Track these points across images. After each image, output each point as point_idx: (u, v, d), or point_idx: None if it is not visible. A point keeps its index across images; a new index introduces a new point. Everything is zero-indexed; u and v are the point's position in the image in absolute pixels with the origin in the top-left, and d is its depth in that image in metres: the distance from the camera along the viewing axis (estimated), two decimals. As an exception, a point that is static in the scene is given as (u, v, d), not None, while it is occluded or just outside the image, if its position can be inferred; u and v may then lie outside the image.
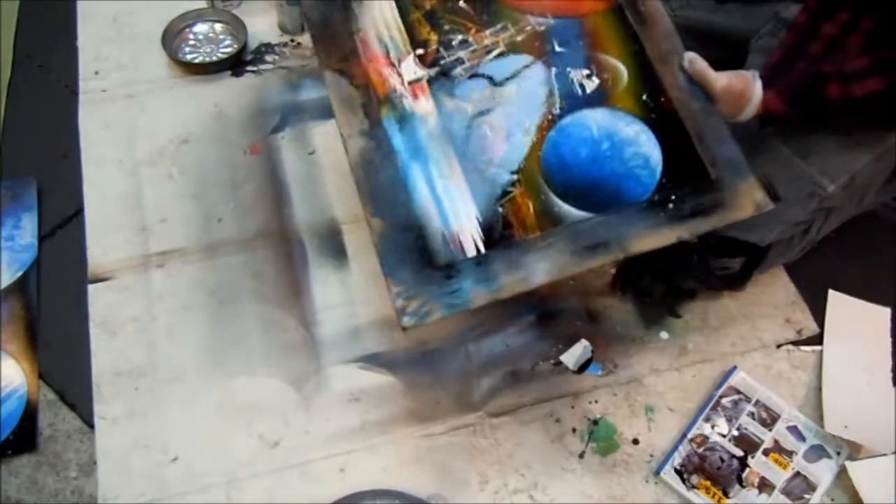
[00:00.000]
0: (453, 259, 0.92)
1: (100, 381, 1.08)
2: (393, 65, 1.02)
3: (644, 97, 1.00)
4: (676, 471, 1.02)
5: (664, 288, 1.17)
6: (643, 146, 0.98)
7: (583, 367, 1.11)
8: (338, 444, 1.04)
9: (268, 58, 1.43)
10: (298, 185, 1.27)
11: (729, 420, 1.06)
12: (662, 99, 1.00)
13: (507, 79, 1.02)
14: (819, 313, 1.17)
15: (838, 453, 1.04)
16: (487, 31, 1.04)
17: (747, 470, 1.03)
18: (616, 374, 1.11)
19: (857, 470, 1.01)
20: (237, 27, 1.44)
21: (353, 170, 0.97)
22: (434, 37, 1.04)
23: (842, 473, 1.03)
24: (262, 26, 1.47)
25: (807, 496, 1.01)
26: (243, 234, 1.21)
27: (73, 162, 1.28)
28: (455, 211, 0.95)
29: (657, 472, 1.03)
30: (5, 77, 1.39)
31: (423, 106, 1.00)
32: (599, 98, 1.01)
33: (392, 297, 0.91)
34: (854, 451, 1.04)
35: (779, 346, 1.14)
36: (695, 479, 1.02)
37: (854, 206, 1.12)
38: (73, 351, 1.10)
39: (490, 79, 1.02)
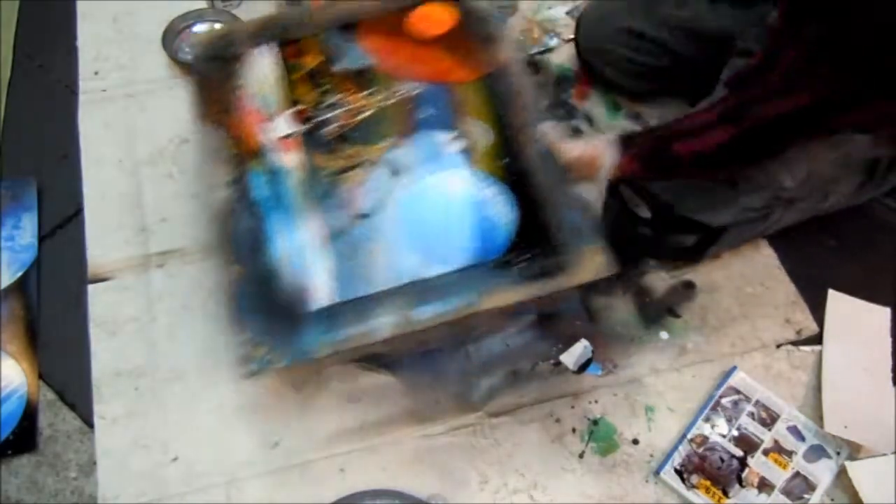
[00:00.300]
0: (304, 309, 0.93)
1: (100, 381, 1.08)
2: (267, 120, 1.05)
3: (504, 161, 1.03)
4: (676, 471, 1.02)
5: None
6: (499, 207, 1.01)
7: (583, 367, 1.11)
8: (338, 444, 1.04)
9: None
10: (298, 185, 1.27)
11: (729, 420, 1.06)
12: (520, 165, 1.03)
13: (374, 142, 1.06)
14: (819, 313, 1.17)
15: (838, 453, 1.04)
16: (361, 94, 1.08)
17: (747, 470, 1.03)
18: (616, 374, 1.11)
19: (857, 470, 1.01)
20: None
21: (214, 218, 0.99)
22: (311, 95, 1.08)
23: (842, 473, 1.03)
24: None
25: (807, 496, 1.01)
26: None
27: (73, 162, 1.28)
28: (310, 262, 0.96)
29: (657, 472, 1.03)
30: (5, 77, 1.39)
31: (291, 161, 1.03)
32: (462, 160, 1.04)
33: (236, 345, 0.91)
34: (854, 451, 1.04)
35: (779, 346, 1.14)
36: (695, 479, 1.02)
37: (817, 202, 1.12)
38: (73, 351, 1.10)
39: (359, 139, 1.05)
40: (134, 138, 1.30)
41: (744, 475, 1.03)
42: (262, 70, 1.09)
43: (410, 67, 1.11)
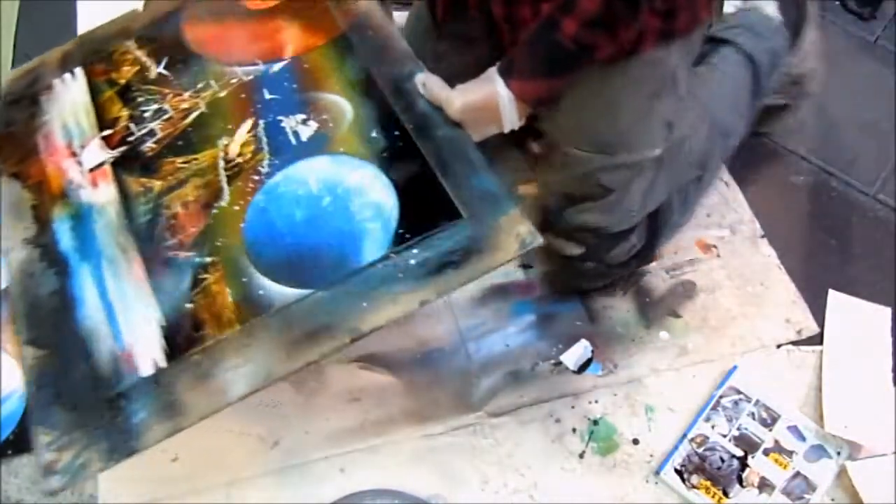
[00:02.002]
0: (123, 384, 0.74)
1: (100, 381, 1.08)
2: (74, 154, 0.91)
3: (374, 134, 0.86)
4: (676, 471, 1.02)
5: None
6: (374, 193, 0.82)
7: (583, 367, 1.11)
8: (338, 444, 1.04)
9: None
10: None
11: (729, 420, 1.06)
12: (397, 132, 0.86)
13: (207, 145, 0.89)
14: (819, 313, 1.17)
15: (838, 453, 1.04)
16: (186, 94, 0.92)
17: (747, 470, 1.03)
18: (616, 374, 1.11)
19: (857, 470, 1.01)
20: None
21: (11, 289, 0.83)
22: (125, 113, 0.92)
23: (842, 473, 1.03)
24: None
25: (807, 496, 1.01)
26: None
27: (74, 162, 1.28)
28: (130, 320, 0.78)
29: (657, 472, 1.03)
30: (5, 77, 1.39)
31: (104, 194, 0.87)
32: (320, 144, 0.87)
33: (38, 452, 0.73)
34: (854, 451, 1.04)
35: (779, 346, 1.14)
36: (695, 479, 1.02)
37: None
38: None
39: (186, 148, 0.89)
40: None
41: (744, 475, 1.03)
42: (67, 99, 0.94)
43: (244, 48, 0.95)
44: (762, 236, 1.25)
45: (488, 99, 0.83)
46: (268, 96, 0.91)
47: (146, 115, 0.92)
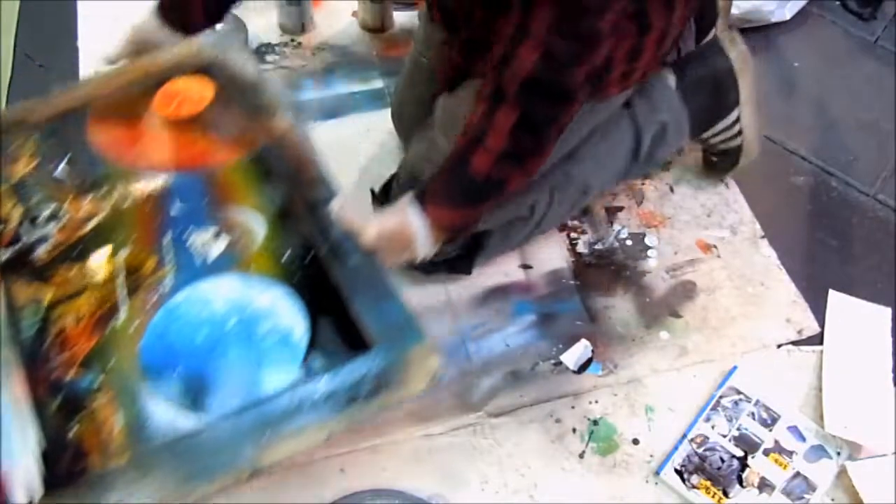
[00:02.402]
0: None
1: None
2: None
3: (286, 256, 0.83)
4: (676, 471, 1.02)
5: None
6: (283, 318, 0.78)
7: (583, 367, 1.11)
8: (338, 444, 1.04)
9: (268, 58, 1.43)
10: (298, 185, 1.27)
11: (729, 420, 1.06)
12: (309, 256, 0.83)
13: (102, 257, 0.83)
14: (820, 313, 1.17)
15: (838, 453, 1.04)
16: (88, 197, 0.86)
17: (747, 470, 1.03)
18: (616, 374, 1.11)
19: (857, 470, 1.01)
20: (237, 27, 1.44)
21: None
22: (18, 211, 0.85)
23: (842, 473, 1.03)
24: (262, 26, 1.47)
25: (807, 496, 1.01)
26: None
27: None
28: (6, 443, 0.70)
29: (657, 472, 1.03)
30: (5, 77, 1.39)
31: None
32: (227, 262, 0.82)
33: None
34: (854, 451, 1.04)
35: (779, 346, 1.14)
36: (695, 479, 1.02)
37: (580, 193, 1.12)
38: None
39: (82, 256, 0.83)
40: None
41: (744, 475, 1.03)
42: None
43: (156, 156, 0.90)
44: (762, 236, 1.25)
45: (402, 228, 0.83)
46: (176, 208, 0.86)
47: (41, 216, 0.85)
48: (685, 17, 0.97)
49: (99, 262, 0.81)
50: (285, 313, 0.79)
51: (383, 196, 1.11)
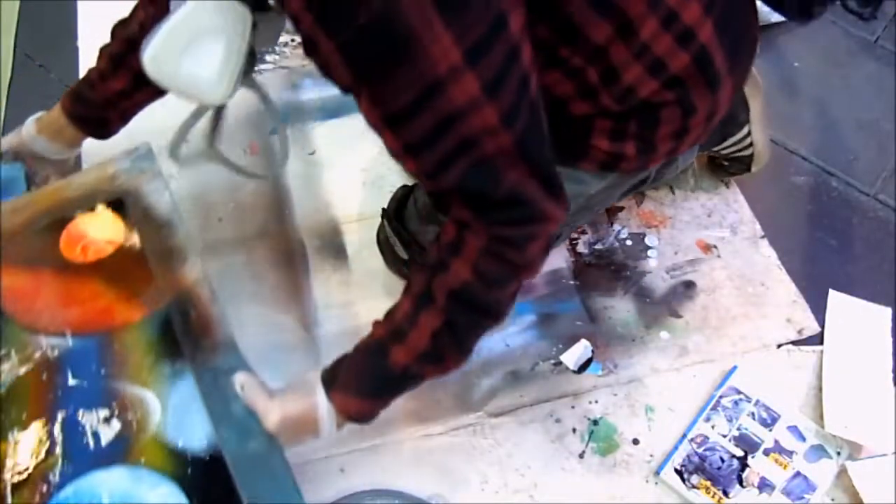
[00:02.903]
0: None
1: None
2: None
3: (180, 443, 0.76)
4: (676, 471, 1.02)
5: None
6: None
7: (583, 367, 1.11)
8: (338, 444, 1.04)
9: (268, 58, 1.43)
10: (298, 185, 1.27)
11: (729, 420, 1.06)
12: (206, 442, 0.77)
13: None
14: (820, 313, 1.17)
15: (838, 453, 1.04)
16: None
17: (747, 470, 1.03)
18: (616, 374, 1.11)
19: (857, 470, 1.01)
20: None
21: None
22: None
23: (842, 473, 1.03)
24: (263, 26, 1.47)
25: (807, 496, 1.01)
26: (243, 234, 1.21)
27: (74, 161, 1.28)
28: None
29: (657, 472, 1.03)
30: (5, 77, 1.39)
31: None
32: (119, 451, 0.75)
33: None
34: (854, 451, 1.04)
35: (779, 346, 1.14)
36: (695, 479, 1.02)
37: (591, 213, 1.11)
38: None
39: None
40: (135, 138, 1.30)
41: (744, 475, 1.03)
42: None
43: (56, 312, 0.81)
44: (762, 236, 1.25)
45: (307, 413, 0.80)
46: (71, 381, 0.78)
47: None
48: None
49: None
50: None
51: (398, 216, 1.06)
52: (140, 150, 1.00)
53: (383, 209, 1.12)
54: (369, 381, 0.80)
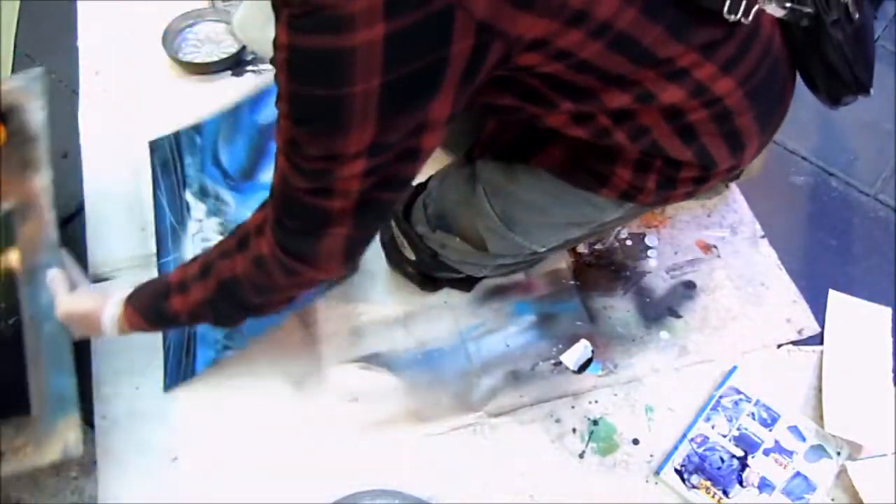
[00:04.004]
0: None
1: (100, 381, 1.08)
2: None
3: None
4: (676, 471, 1.02)
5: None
6: None
7: (583, 367, 1.11)
8: (338, 444, 1.04)
9: (268, 58, 1.43)
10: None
11: (729, 420, 1.06)
12: (14, 320, 0.93)
13: None
14: (820, 313, 1.17)
15: (838, 453, 1.04)
16: None
17: (747, 470, 1.03)
18: (616, 374, 1.11)
19: (857, 470, 1.01)
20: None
21: None
22: None
23: (842, 473, 1.03)
24: (263, 26, 1.47)
25: (807, 496, 1.01)
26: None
27: (74, 161, 1.28)
28: None
29: (657, 472, 1.03)
30: (5, 77, 1.39)
31: None
32: None
33: None
34: (854, 451, 1.04)
35: (779, 346, 1.14)
36: (695, 479, 1.02)
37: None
38: (74, 351, 1.10)
39: None
40: (135, 138, 1.30)
41: (744, 475, 1.03)
42: None
43: None
44: (762, 236, 1.25)
45: (92, 313, 0.91)
46: None
47: None
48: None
49: None
50: None
51: (405, 217, 1.06)
52: (33, 73, 1.16)
53: None
54: (152, 311, 0.89)
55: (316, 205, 0.71)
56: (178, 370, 1.07)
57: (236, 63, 1.41)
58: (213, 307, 0.84)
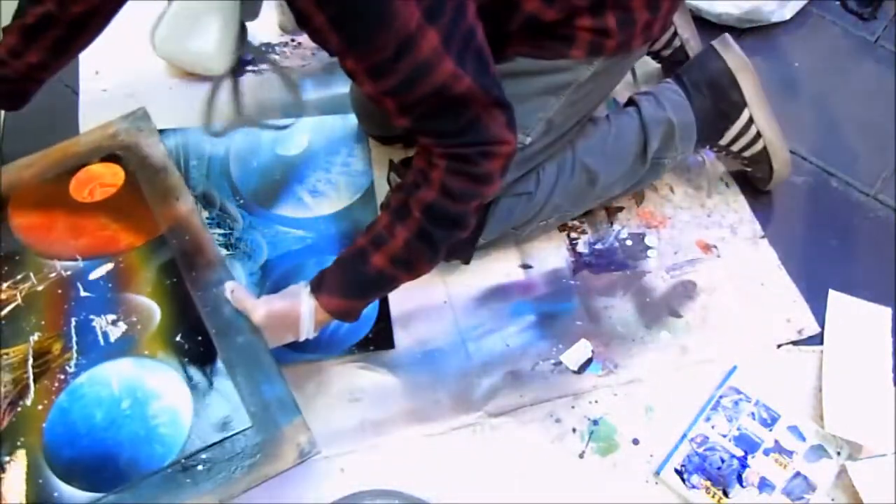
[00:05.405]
0: None
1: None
2: None
3: (178, 338, 0.92)
4: (676, 471, 1.02)
5: None
6: (170, 398, 0.87)
7: (583, 367, 1.11)
8: (338, 444, 1.04)
9: (268, 58, 1.43)
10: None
11: (729, 420, 1.06)
12: (200, 338, 0.91)
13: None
14: (820, 313, 1.17)
15: (838, 453, 1.04)
16: (5, 285, 0.95)
17: (747, 470, 1.03)
18: (616, 374, 1.11)
19: (857, 470, 1.01)
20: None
21: None
22: None
23: (842, 473, 1.03)
24: (262, 26, 1.47)
25: (807, 496, 1.01)
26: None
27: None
28: None
29: (657, 472, 1.03)
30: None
31: None
32: (126, 346, 0.91)
33: None
34: (854, 451, 1.04)
35: (779, 346, 1.14)
36: (695, 479, 1.02)
37: (587, 184, 1.14)
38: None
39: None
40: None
41: (744, 475, 1.03)
42: None
43: (68, 241, 0.99)
44: (762, 236, 1.25)
45: (290, 310, 0.91)
46: (83, 294, 0.95)
47: None
48: None
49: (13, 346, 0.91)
50: (172, 394, 0.88)
51: (403, 168, 1.10)
52: (137, 112, 1.19)
53: (391, 160, 1.15)
54: (351, 282, 0.91)
55: (444, 104, 0.78)
56: None
57: (236, 66, 1.40)
58: (422, 238, 0.87)
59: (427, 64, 0.75)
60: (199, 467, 0.83)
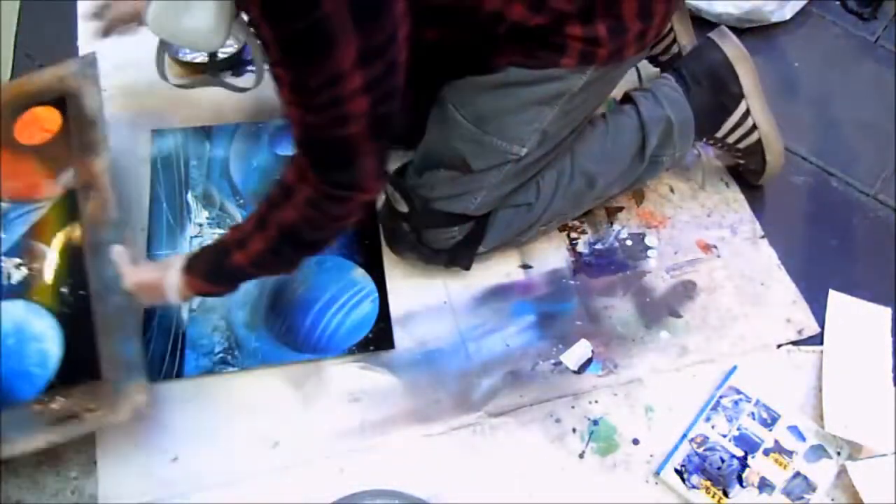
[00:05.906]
0: None
1: (100, 381, 1.08)
2: None
3: (63, 289, 1.00)
4: (676, 471, 1.02)
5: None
6: (47, 342, 0.97)
7: (583, 367, 1.11)
8: (338, 444, 1.04)
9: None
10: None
11: (729, 420, 1.06)
12: (83, 293, 0.99)
13: None
14: (820, 313, 1.17)
15: (838, 453, 1.04)
16: None
17: (747, 470, 1.03)
18: (616, 374, 1.11)
19: (857, 470, 1.01)
20: (238, 27, 1.43)
21: None
22: None
23: (842, 473, 1.03)
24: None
25: (807, 496, 1.01)
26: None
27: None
28: None
29: (657, 472, 1.03)
30: (5, 77, 1.39)
31: None
32: (22, 289, 1.00)
33: None
34: (854, 451, 1.04)
35: (779, 346, 1.14)
36: (695, 479, 1.02)
37: (586, 186, 1.14)
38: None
39: None
40: (135, 138, 1.30)
41: (744, 475, 1.03)
42: None
43: (3, 182, 1.06)
44: (762, 236, 1.25)
45: (157, 282, 0.97)
46: (2, 234, 1.04)
47: None
48: None
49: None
50: (48, 340, 0.98)
51: (398, 176, 1.11)
52: (87, 57, 1.19)
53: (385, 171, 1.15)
54: (216, 272, 0.96)
55: (336, 136, 0.81)
56: (161, 366, 1.07)
57: (236, 63, 1.40)
58: (276, 253, 0.92)
59: (344, 99, 0.77)
60: (53, 406, 0.93)
